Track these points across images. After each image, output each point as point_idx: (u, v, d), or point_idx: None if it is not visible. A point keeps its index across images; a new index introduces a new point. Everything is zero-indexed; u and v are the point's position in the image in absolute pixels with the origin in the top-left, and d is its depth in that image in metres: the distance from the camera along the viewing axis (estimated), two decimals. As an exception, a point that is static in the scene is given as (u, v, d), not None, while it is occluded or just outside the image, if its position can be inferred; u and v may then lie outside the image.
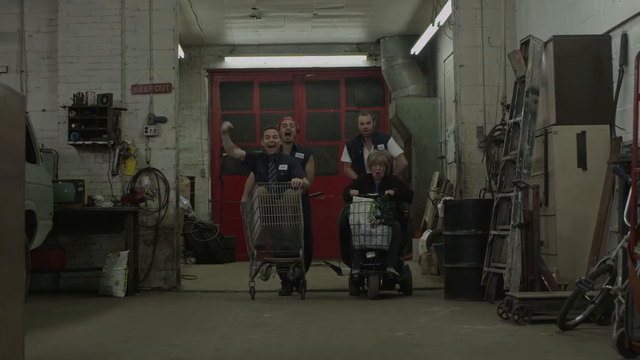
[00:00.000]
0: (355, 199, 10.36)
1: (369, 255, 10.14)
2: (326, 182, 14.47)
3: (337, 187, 17.79)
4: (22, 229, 5.59)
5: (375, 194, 10.40)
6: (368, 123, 11.33)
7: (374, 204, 10.16)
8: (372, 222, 10.11)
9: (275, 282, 10.63)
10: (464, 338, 7.09)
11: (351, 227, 10.22)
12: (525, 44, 9.63)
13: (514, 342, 6.86)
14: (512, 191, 9.13)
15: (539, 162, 9.38)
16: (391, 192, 10.39)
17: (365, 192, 10.47)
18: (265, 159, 10.76)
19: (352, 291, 10.65)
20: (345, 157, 11.52)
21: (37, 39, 11.94)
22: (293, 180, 10.41)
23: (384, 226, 10.09)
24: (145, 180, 11.64)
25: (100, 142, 11.43)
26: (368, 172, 10.89)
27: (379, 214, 10.10)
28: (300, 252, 10.23)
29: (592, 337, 6.93)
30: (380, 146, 11.18)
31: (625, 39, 8.61)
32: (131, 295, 10.80)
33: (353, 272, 10.29)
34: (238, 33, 17.13)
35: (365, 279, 10.36)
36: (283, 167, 10.70)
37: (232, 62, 18.34)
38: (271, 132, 10.79)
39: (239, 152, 10.86)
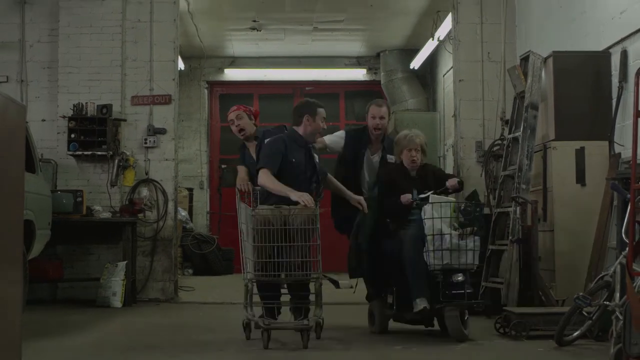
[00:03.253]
0: (433, 197, 7.78)
1: (457, 278, 7.56)
2: (325, 196, 14.45)
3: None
4: (20, 238, 5.59)
5: (428, 193, 7.91)
6: (382, 118, 8.91)
7: (455, 206, 7.76)
8: (461, 231, 7.63)
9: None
10: (462, 353, 7.08)
11: (428, 238, 7.57)
12: (524, 59, 9.65)
13: (511, 357, 6.86)
14: (511, 206, 9.13)
15: (538, 177, 9.39)
16: (454, 182, 8.14)
17: (408, 191, 8.10)
18: (302, 143, 8.21)
19: (382, 328, 8.15)
20: (332, 138, 9.14)
21: (38, 49, 11.96)
22: (305, 197, 7.60)
23: (475, 237, 7.66)
24: (144, 191, 11.64)
25: (99, 153, 11.43)
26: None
27: (462, 219, 7.69)
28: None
29: (589, 353, 6.92)
30: (391, 157, 8.83)
31: (624, 55, 8.64)
32: (128, 306, 10.78)
33: (423, 304, 7.50)
34: (238, 45, 17.16)
35: (443, 314, 7.57)
36: (316, 159, 8.33)
37: (232, 74, 18.36)
38: (324, 113, 8.31)
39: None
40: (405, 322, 8.04)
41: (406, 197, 7.97)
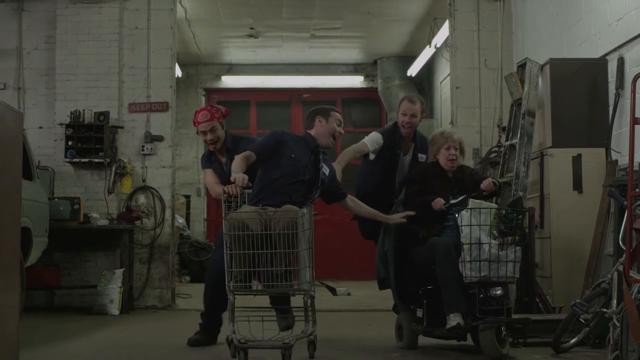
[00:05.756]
0: (472, 203, 7.00)
1: (495, 292, 6.85)
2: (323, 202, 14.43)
3: (335, 207, 17.76)
4: (17, 245, 5.59)
5: (460, 198, 7.16)
6: (413, 116, 8.11)
7: (496, 213, 6.97)
8: (502, 240, 6.89)
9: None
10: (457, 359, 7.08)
11: (464, 248, 6.84)
12: (521, 66, 9.66)
13: (508, 364, 6.84)
14: (508, 213, 9.10)
15: (535, 184, 9.39)
16: (489, 182, 7.31)
17: (443, 194, 7.35)
18: (312, 144, 7.46)
19: (410, 343, 7.50)
20: (369, 143, 8.12)
21: (35, 56, 11.97)
22: (237, 176, 6.82)
23: (516, 247, 6.92)
24: (141, 199, 11.66)
25: (96, 160, 11.43)
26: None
27: (502, 228, 6.90)
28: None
29: (586, 360, 6.93)
30: (422, 157, 8.17)
31: (621, 62, 8.65)
32: (126, 313, 10.79)
33: (456, 320, 6.77)
34: (235, 52, 17.17)
35: (478, 331, 6.82)
36: (325, 170, 7.40)
37: (229, 81, 18.35)
38: (339, 116, 7.58)
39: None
40: (436, 338, 7.38)
41: (439, 203, 7.20)
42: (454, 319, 6.75)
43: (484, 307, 6.76)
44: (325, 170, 7.33)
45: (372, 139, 8.07)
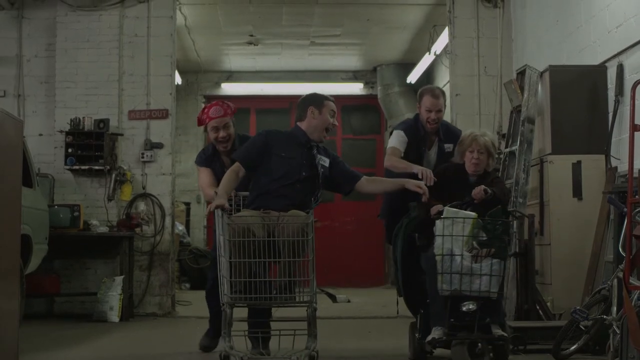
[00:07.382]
0: (447, 211, 6.59)
1: (467, 307, 6.43)
2: (323, 209, 14.44)
3: (333, 215, 17.76)
4: (17, 252, 5.59)
5: (453, 203, 6.73)
6: (439, 111, 7.59)
7: (475, 223, 6.54)
8: (475, 252, 6.50)
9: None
10: (459, 367, 7.05)
11: (437, 259, 6.47)
12: (521, 73, 9.66)
13: (508, 371, 6.83)
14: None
15: (535, 191, 9.39)
16: (480, 190, 6.72)
17: (452, 195, 6.87)
18: (303, 139, 6.91)
19: (415, 354, 7.05)
20: (399, 145, 7.50)
21: (35, 64, 11.98)
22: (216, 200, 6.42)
23: (494, 260, 6.49)
24: (141, 206, 11.66)
25: (96, 167, 11.43)
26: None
27: (484, 238, 6.53)
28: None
29: (586, 367, 6.92)
30: (448, 147, 7.67)
31: (620, 69, 8.65)
32: (126, 320, 10.78)
33: (434, 334, 6.50)
34: (235, 60, 17.19)
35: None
36: (324, 162, 6.95)
37: (229, 88, 18.36)
38: (333, 106, 6.98)
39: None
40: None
41: (436, 209, 6.70)
42: (433, 333, 6.50)
43: (456, 322, 6.43)
44: (324, 162, 6.88)
45: (399, 140, 7.51)
